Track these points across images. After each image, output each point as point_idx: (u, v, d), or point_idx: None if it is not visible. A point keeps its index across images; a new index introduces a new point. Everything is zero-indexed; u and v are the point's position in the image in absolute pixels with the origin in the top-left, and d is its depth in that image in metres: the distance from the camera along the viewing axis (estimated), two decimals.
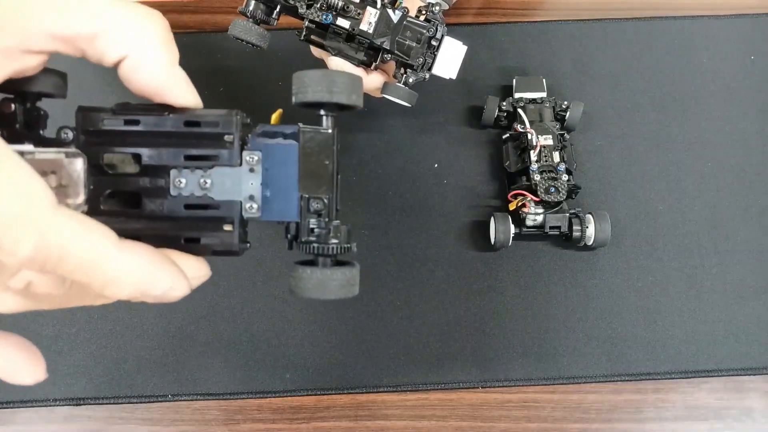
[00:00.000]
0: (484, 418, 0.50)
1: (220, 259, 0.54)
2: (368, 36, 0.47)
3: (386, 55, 0.48)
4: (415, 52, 0.48)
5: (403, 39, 0.48)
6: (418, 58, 0.48)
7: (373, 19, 0.47)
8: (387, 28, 0.48)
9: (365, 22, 0.47)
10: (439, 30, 0.48)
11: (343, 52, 0.50)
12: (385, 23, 0.48)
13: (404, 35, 0.48)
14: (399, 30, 0.48)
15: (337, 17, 0.47)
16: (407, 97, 0.49)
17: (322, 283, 0.27)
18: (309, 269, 0.28)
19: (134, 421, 0.50)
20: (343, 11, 0.47)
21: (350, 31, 0.47)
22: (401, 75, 0.50)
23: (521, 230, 0.53)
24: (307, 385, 0.51)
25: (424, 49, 0.48)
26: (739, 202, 0.57)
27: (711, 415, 0.50)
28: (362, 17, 0.47)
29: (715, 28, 0.63)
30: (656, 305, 0.53)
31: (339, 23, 0.47)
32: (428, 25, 0.48)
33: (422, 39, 0.48)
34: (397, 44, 0.48)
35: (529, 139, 0.54)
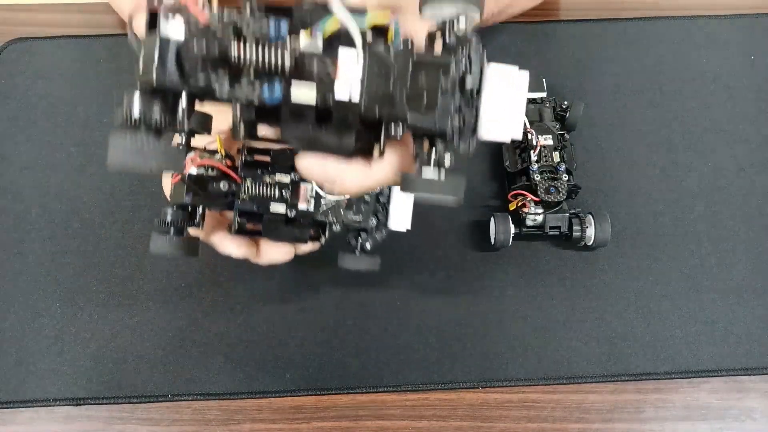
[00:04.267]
0: (484, 418, 0.50)
1: (219, 260, 0.55)
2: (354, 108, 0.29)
3: (394, 127, 0.30)
4: (444, 110, 0.29)
5: (416, 95, 0.29)
6: (452, 120, 0.29)
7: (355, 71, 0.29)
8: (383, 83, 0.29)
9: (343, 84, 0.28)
10: (473, 60, 0.29)
11: (319, 143, 0.31)
12: (378, 75, 0.29)
13: (417, 87, 0.29)
14: (406, 78, 0.29)
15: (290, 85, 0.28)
16: (449, 190, 0.30)
17: None
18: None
19: (134, 421, 0.50)
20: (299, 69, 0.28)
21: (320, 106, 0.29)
22: (428, 154, 0.30)
23: (521, 230, 0.53)
24: (307, 385, 0.51)
25: (457, 100, 0.29)
26: (739, 202, 0.57)
27: (711, 415, 0.50)
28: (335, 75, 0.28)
29: (715, 28, 0.63)
30: (656, 305, 0.53)
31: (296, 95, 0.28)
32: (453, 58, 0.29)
33: (449, 84, 0.29)
34: (409, 106, 0.29)
35: (529, 139, 0.54)
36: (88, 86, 0.60)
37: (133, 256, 0.54)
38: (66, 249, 0.54)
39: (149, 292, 0.53)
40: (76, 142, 0.58)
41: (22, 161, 0.58)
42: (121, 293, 0.53)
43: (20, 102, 0.60)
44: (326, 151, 0.31)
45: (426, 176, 0.30)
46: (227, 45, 0.27)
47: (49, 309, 0.52)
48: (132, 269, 0.54)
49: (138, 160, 0.27)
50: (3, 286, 0.53)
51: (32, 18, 0.65)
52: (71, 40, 0.63)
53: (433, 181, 0.30)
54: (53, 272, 0.54)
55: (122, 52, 0.62)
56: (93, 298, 0.53)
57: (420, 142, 0.31)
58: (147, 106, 0.28)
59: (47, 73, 0.61)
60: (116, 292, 0.53)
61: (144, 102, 0.28)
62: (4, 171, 0.57)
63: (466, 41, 0.29)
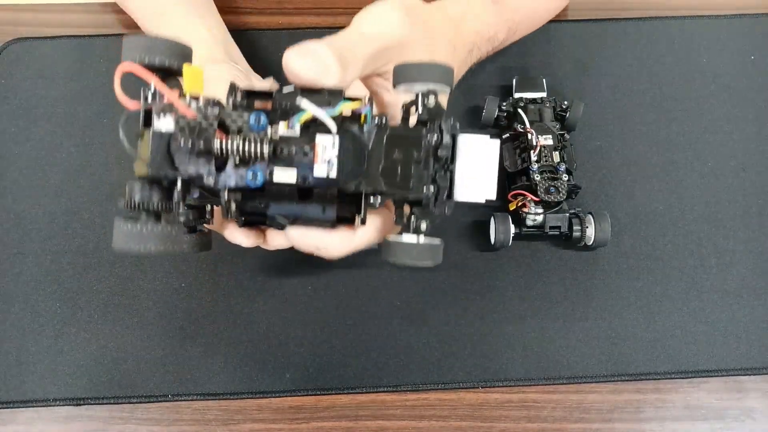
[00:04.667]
0: (484, 418, 0.50)
1: (219, 260, 0.55)
2: (333, 184, 0.31)
3: (373, 198, 0.32)
4: (418, 179, 0.31)
5: (392, 167, 0.31)
6: (426, 188, 0.31)
7: (331, 153, 0.31)
8: (359, 158, 0.31)
9: (321, 163, 0.30)
10: (445, 133, 0.31)
11: (303, 217, 0.33)
12: (355, 152, 0.31)
13: (392, 159, 0.31)
14: (381, 153, 0.31)
15: (272, 170, 0.31)
16: (427, 256, 0.32)
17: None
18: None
19: (134, 421, 0.50)
20: (278, 157, 0.30)
21: (301, 185, 0.31)
22: (406, 220, 0.32)
23: (521, 230, 0.53)
24: (307, 385, 0.51)
25: (431, 169, 0.31)
26: (739, 202, 0.57)
27: (711, 415, 0.50)
28: (313, 156, 0.30)
29: (715, 28, 0.63)
30: (656, 305, 0.53)
31: (277, 179, 0.31)
32: (427, 131, 0.31)
33: (423, 155, 0.31)
34: (384, 177, 0.31)
35: (529, 139, 0.54)
36: (88, 86, 0.60)
37: (133, 256, 0.54)
38: (66, 249, 0.54)
39: (149, 292, 0.53)
40: (76, 142, 0.58)
41: (22, 161, 0.58)
42: (121, 293, 0.53)
43: (20, 102, 0.60)
44: (311, 223, 0.34)
45: (405, 242, 0.32)
46: (211, 138, 0.30)
47: (49, 309, 0.52)
48: (132, 269, 0.54)
49: (139, 244, 0.30)
50: (3, 286, 0.53)
51: (32, 18, 0.65)
52: (71, 40, 0.63)
53: (412, 247, 0.32)
54: (53, 272, 0.54)
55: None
56: (93, 298, 0.53)
57: (400, 207, 0.33)
58: (146, 194, 0.31)
59: (47, 73, 0.61)
60: (116, 291, 0.53)
61: (143, 190, 0.31)
62: (4, 171, 0.57)
63: (437, 114, 0.32)
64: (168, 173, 0.30)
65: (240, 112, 0.31)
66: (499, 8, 0.48)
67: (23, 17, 0.65)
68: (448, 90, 0.33)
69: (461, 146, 0.32)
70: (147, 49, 0.31)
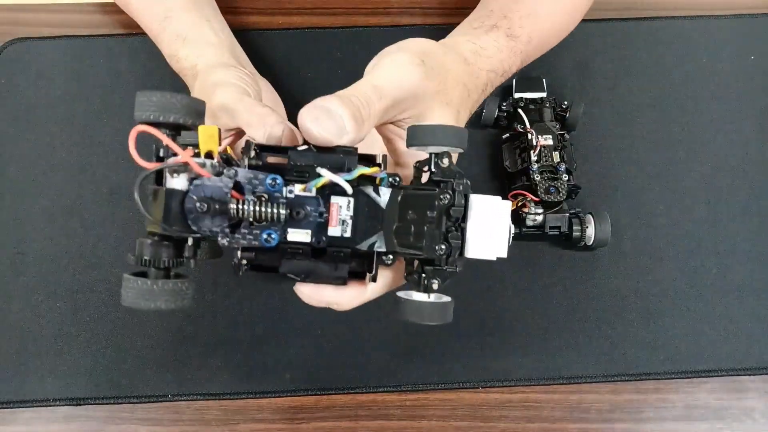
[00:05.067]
0: (484, 418, 0.50)
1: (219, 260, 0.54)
2: (346, 244, 0.32)
3: (385, 256, 0.33)
4: (431, 238, 0.32)
5: (405, 226, 0.32)
6: (438, 248, 0.32)
7: (346, 213, 0.32)
8: (373, 219, 0.32)
9: (335, 223, 0.32)
10: (457, 193, 0.32)
11: (315, 274, 0.33)
12: (369, 212, 0.32)
13: (405, 219, 0.32)
14: (395, 213, 0.32)
15: (286, 230, 0.31)
16: (437, 316, 0.32)
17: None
18: None
19: (134, 421, 0.50)
20: (292, 218, 0.31)
21: (315, 245, 0.32)
22: (417, 278, 0.33)
23: (521, 230, 0.53)
24: (307, 385, 0.51)
25: (442, 227, 0.32)
26: (739, 202, 0.57)
27: (711, 415, 0.50)
28: (328, 217, 0.32)
29: (715, 28, 0.63)
30: (656, 305, 0.53)
31: (292, 239, 0.31)
32: (440, 191, 0.32)
33: (435, 215, 0.32)
34: (397, 237, 0.32)
35: (529, 139, 0.54)
36: (88, 86, 0.60)
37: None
38: (66, 249, 0.54)
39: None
40: (76, 142, 0.58)
41: (22, 161, 0.57)
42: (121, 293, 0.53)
43: (20, 102, 0.60)
44: (323, 280, 0.34)
45: (415, 301, 0.32)
46: (227, 200, 0.30)
47: (49, 309, 0.52)
48: None
49: (149, 301, 0.30)
50: (3, 286, 0.53)
51: (32, 18, 0.65)
52: (71, 40, 0.63)
53: (423, 306, 0.32)
54: (53, 272, 0.54)
55: (122, 52, 0.62)
56: (93, 298, 0.53)
57: (411, 263, 0.34)
58: (156, 251, 0.30)
59: (47, 73, 0.61)
60: (116, 292, 0.53)
61: (153, 246, 0.30)
62: (4, 171, 0.57)
63: (451, 175, 0.32)
64: (182, 232, 0.30)
65: (255, 174, 0.31)
66: (513, 43, 0.47)
67: (23, 17, 0.65)
68: (461, 151, 0.33)
69: (473, 206, 0.32)
70: (161, 107, 0.30)
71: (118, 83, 0.60)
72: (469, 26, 0.49)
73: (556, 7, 0.53)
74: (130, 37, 0.63)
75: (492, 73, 0.45)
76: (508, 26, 0.48)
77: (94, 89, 0.60)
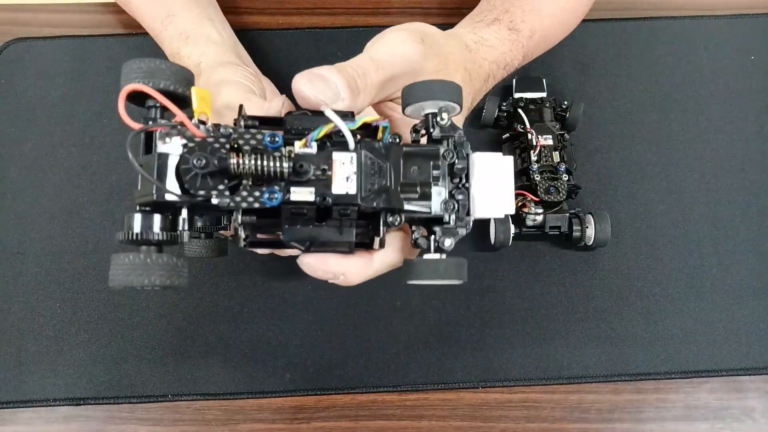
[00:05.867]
0: (484, 418, 0.50)
1: (219, 260, 0.55)
2: (352, 201, 0.30)
3: (392, 217, 0.31)
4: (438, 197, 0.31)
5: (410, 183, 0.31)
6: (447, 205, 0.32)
7: (351, 170, 0.30)
8: (378, 176, 0.31)
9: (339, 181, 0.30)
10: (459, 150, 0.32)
11: (320, 240, 0.31)
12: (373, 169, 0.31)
13: (409, 176, 0.31)
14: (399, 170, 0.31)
15: (289, 189, 0.30)
16: (453, 273, 0.31)
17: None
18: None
19: (134, 421, 0.50)
20: (296, 174, 0.29)
21: (320, 204, 0.30)
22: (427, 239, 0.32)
23: (521, 230, 0.53)
24: (307, 385, 0.51)
25: (447, 186, 0.32)
26: (739, 202, 0.57)
27: (711, 415, 0.50)
28: (331, 174, 0.30)
29: (715, 28, 0.63)
30: (656, 305, 0.53)
31: (295, 198, 0.30)
32: (441, 147, 0.32)
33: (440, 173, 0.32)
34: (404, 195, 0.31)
35: (529, 139, 0.54)
36: (88, 86, 0.60)
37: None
38: (66, 249, 0.54)
39: (149, 292, 0.53)
40: (76, 142, 0.58)
41: (22, 161, 0.58)
42: (121, 293, 0.53)
43: (20, 102, 0.60)
44: (328, 247, 0.32)
45: (430, 262, 0.31)
46: (226, 157, 0.28)
47: (49, 309, 0.52)
48: None
49: (142, 277, 0.28)
50: (3, 286, 0.53)
51: (32, 18, 0.65)
52: (71, 40, 0.63)
53: (438, 263, 0.31)
54: (53, 272, 0.54)
55: (122, 52, 0.62)
56: (93, 298, 0.53)
57: (417, 228, 0.33)
58: (147, 222, 0.29)
59: (47, 73, 0.61)
60: (116, 291, 0.53)
61: (144, 219, 0.29)
62: (4, 171, 0.57)
63: (450, 131, 0.32)
64: (177, 197, 0.29)
65: (253, 133, 0.30)
66: (515, 36, 0.47)
67: (23, 17, 0.65)
68: (458, 109, 0.33)
69: (476, 165, 0.32)
70: (150, 73, 0.29)
71: (118, 83, 0.60)
72: (471, 20, 0.49)
73: (558, 3, 0.53)
74: (130, 37, 0.63)
75: (494, 64, 0.45)
76: (510, 20, 0.48)
77: (94, 89, 0.60)
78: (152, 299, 0.53)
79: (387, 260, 0.34)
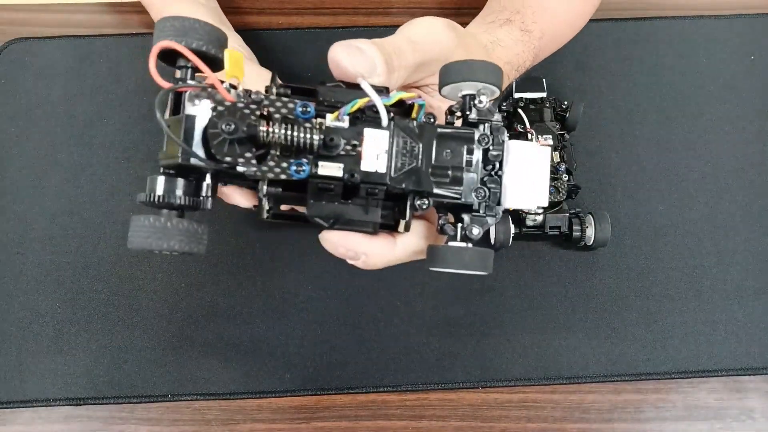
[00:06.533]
0: (484, 418, 0.50)
1: (219, 260, 0.55)
2: (381, 180, 0.29)
3: (420, 200, 0.30)
4: (469, 184, 0.30)
5: (442, 168, 0.30)
6: (477, 192, 0.30)
7: (381, 148, 0.29)
8: (409, 156, 0.29)
9: (369, 158, 0.29)
10: (496, 135, 0.31)
11: (344, 218, 0.30)
12: (404, 149, 0.29)
13: (442, 160, 0.30)
14: (431, 152, 0.30)
15: (317, 163, 0.29)
16: (478, 263, 0.31)
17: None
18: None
19: (134, 421, 0.50)
20: (326, 148, 0.28)
21: (347, 181, 0.29)
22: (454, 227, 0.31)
23: (521, 230, 0.53)
24: (307, 385, 0.51)
25: (479, 173, 0.30)
26: (739, 202, 0.57)
27: (711, 415, 0.50)
28: (361, 150, 0.29)
29: (715, 28, 0.63)
30: (656, 305, 0.53)
31: (323, 172, 0.29)
32: (476, 132, 0.31)
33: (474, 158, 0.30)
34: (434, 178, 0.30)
35: (529, 140, 0.54)
36: (88, 86, 0.60)
37: (133, 256, 0.54)
38: (66, 249, 0.54)
39: (149, 292, 0.53)
40: (76, 142, 0.58)
41: (22, 161, 0.58)
42: (121, 293, 0.53)
43: (20, 102, 0.60)
44: (352, 226, 0.31)
45: (455, 250, 0.30)
46: (255, 124, 0.28)
47: (49, 309, 0.52)
48: (132, 269, 0.54)
49: (162, 240, 0.27)
50: (3, 286, 0.53)
51: (32, 18, 0.65)
52: (71, 40, 0.63)
53: (463, 251, 0.30)
54: (53, 272, 0.54)
55: (122, 52, 0.62)
56: (93, 297, 0.53)
57: (444, 214, 0.31)
58: (170, 186, 0.28)
59: (47, 73, 0.61)
60: (116, 291, 0.53)
61: (167, 182, 0.28)
62: (4, 171, 0.57)
63: (487, 115, 0.30)
64: (203, 162, 0.28)
65: (284, 101, 0.28)
66: (527, 37, 0.47)
67: (23, 17, 0.65)
68: (497, 93, 0.31)
69: (512, 153, 0.31)
70: (183, 31, 0.28)
71: (118, 83, 0.60)
72: (483, 20, 0.49)
73: (567, 5, 0.53)
74: (130, 37, 0.63)
75: (508, 65, 0.45)
76: (522, 20, 0.48)
77: (94, 89, 0.60)
78: (152, 299, 0.53)
79: (411, 245, 0.33)
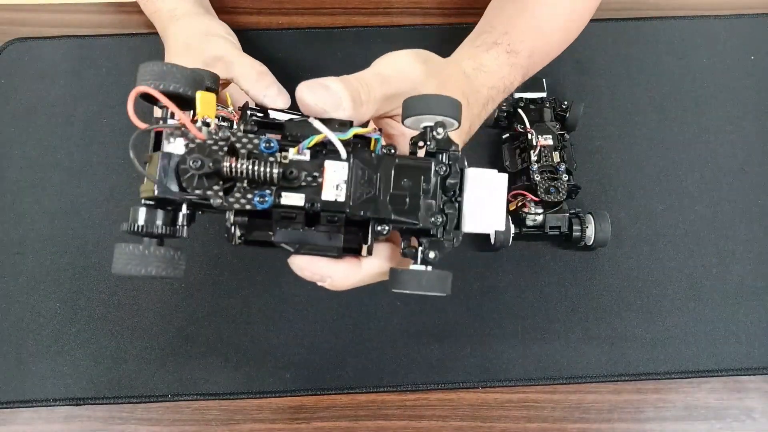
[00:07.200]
0: (484, 418, 0.50)
1: (219, 260, 0.55)
2: (340, 208, 0.31)
3: (380, 226, 0.32)
4: (426, 209, 0.32)
5: (400, 196, 0.32)
6: (434, 218, 0.32)
7: (341, 178, 0.31)
8: (367, 186, 0.32)
9: (329, 188, 0.31)
10: (453, 164, 0.32)
11: (309, 243, 0.33)
12: (363, 179, 0.31)
13: (401, 188, 0.32)
14: (390, 181, 0.32)
15: (280, 194, 0.31)
16: (436, 286, 0.32)
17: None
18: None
19: (134, 421, 0.50)
20: (286, 180, 0.31)
21: (309, 210, 0.31)
22: (414, 249, 0.32)
23: (521, 230, 0.53)
24: (307, 385, 0.51)
25: (439, 199, 0.32)
26: (739, 202, 0.57)
27: (711, 415, 0.50)
28: (322, 180, 0.31)
29: (715, 28, 0.63)
30: (656, 305, 0.53)
31: (285, 202, 0.31)
32: (435, 161, 0.32)
33: (431, 186, 0.32)
34: (393, 206, 0.32)
35: (529, 139, 0.54)
36: (88, 86, 0.60)
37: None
38: (66, 249, 0.54)
39: (149, 292, 0.53)
40: (76, 142, 0.58)
41: (22, 161, 0.58)
42: (121, 293, 0.53)
43: (20, 102, 0.60)
44: (318, 250, 0.33)
45: (414, 273, 0.32)
46: (220, 160, 0.30)
47: (49, 309, 0.52)
48: None
49: (140, 267, 0.30)
50: (3, 286, 0.53)
51: (32, 18, 0.65)
52: (71, 40, 0.63)
53: (421, 274, 0.32)
54: (53, 272, 0.54)
55: (122, 52, 0.62)
56: (93, 297, 0.53)
57: (407, 238, 0.33)
58: (150, 216, 0.31)
59: (47, 73, 0.61)
60: (116, 291, 0.53)
61: (148, 213, 0.31)
62: (4, 171, 0.57)
63: (446, 145, 0.32)
64: (175, 194, 0.30)
65: (250, 138, 0.31)
66: (514, 59, 0.47)
67: (23, 17, 0.65)
68: (456, 125, 0.33)
69: (469, 180, 0.32)
70: (162, 75, 0.31)
71: (118, 83, 0.60)
72: (471, 44, 0.49)
73: (557, 21, 0.53)
74: (130, 37, 0.63)
75: (493, 89, 0.46)
76: (509, 42, 0.48)
77: (94, 89, 0.60)
78: (152, 299, 0.53)
79: (375, 268, 0.35)
